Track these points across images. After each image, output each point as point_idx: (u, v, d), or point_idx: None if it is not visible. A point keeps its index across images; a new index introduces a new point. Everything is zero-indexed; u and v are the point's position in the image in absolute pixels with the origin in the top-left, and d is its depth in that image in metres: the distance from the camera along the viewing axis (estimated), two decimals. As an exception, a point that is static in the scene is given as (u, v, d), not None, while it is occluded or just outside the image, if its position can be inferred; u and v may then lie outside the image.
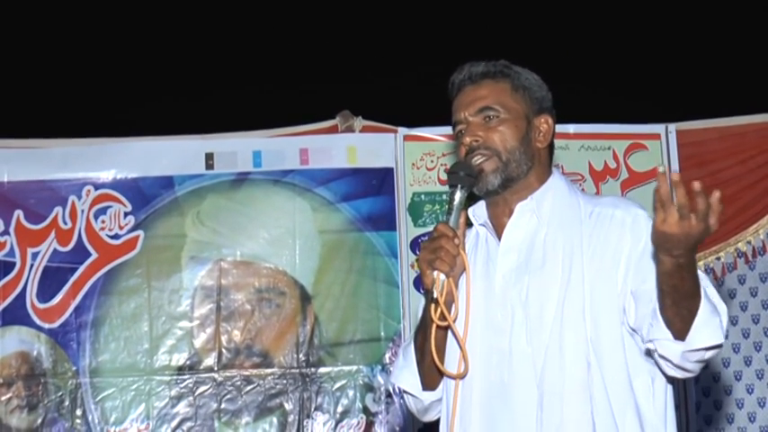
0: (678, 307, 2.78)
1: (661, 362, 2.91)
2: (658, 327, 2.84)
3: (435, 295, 3.01)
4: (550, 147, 3.24)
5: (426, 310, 3.10)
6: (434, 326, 3.05)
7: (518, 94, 3.17)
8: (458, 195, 3.08)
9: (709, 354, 2.85)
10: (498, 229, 3.17)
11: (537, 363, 2.99)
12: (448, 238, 3.00)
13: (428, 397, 3.24)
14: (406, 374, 3.27)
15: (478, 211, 3.22)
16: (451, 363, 3.13)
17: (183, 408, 5.66)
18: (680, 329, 2.80)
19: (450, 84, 3.23)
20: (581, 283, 3.01)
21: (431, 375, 3.18)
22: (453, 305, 3.06)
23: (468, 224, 3.20)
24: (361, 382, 5.72)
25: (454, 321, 3.05)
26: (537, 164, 3.16)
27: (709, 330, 2.80)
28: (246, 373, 5.70)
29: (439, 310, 3.02)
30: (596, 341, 2.98)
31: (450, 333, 3.13)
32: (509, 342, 3.05)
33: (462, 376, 3.08)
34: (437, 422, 3.22)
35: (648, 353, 2.95)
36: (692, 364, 2.86)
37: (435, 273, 3.00)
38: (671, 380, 3.04)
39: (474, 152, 3.10)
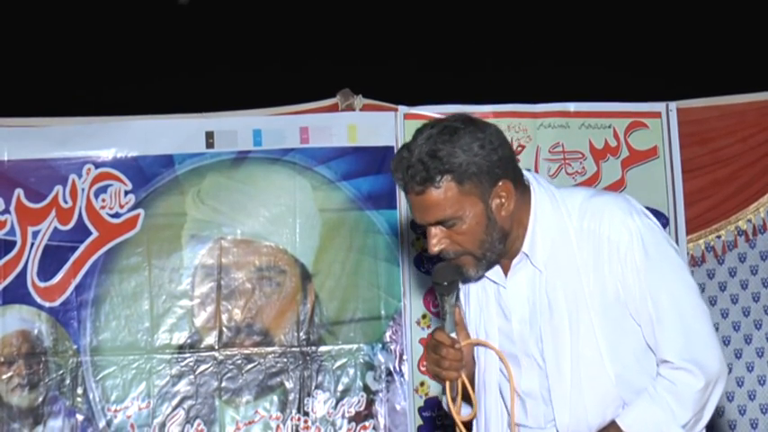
0: None
1: None
2: None
3: (449, 399, 3.07)
4: (517, 183, 3.06)
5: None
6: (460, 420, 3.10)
7: (466, 185, 2.93)
8: (447, 301, 3.04)
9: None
10: (504, 267, 3.13)
11: (561, 410, 3.03)
12: (448, 348, 3.01)
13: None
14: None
15: None
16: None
17: (183, 386, 5.67)
18: None
19: (393, 172, 3.04)
20: (591, 328, 3.00)
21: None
22: (472, 404, 3.12)
23: None
24: (361, 360, 5.73)
25: (474, 418, 3.13)
26: (513, 225, 3.04)
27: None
28: (247, 351, 5.71)
29: (458, 402, 3.08)
30: (620, 376, 3.01)
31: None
32: (538, 388, 3.09)
33: None
34: (436, 398, 3.27)
35: None
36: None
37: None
38: None
39: (447, 256, 3.02)
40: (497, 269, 3.13)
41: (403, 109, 5.88)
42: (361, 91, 5.95)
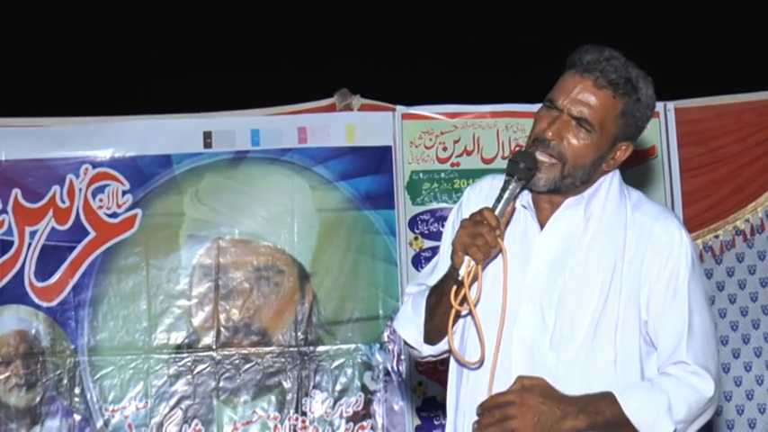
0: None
1: None
2: None
3: (461, 278, 2.95)
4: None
5: (445, 281, 3.05)
6: (453, 310, 3.00)
7: (622, 118, 3.05)
8: (511, 185, 3.00)
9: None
10: (539, 213, 3.13)
11: (559, 370, 2.99)
12: (490, 228, 2.93)
13: (428, 350, 3.23)
14: (410, 327, 3.23)
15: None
16: (469, 348, 3.13)
17: (181, 386, 5.67)
18: None
19: (578, 56, 3.08)
20: (618, 300, 3.01)
21: (435, 334, 3.16)
22: (475, 289, 2.99)
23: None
24: (359, 360, 5.72)
25: (474, 306, 3.01)
26: (593, 179, 3.10)
27: (659, 422, 2.93)
28: (245, 351, 5.71)
29: (461, 294, 2.96)
30: (622, 361, 3.00)
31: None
32: (532, 338, 3.04)
33: (479, 364, 3.06)
34: (434, 398, 3.22)
35: None
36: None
37: (467, 258, 2.94)
38: None
39: (545, 147, 3.01)
40: (535, 216, 3.13)
41: (401, 109, 5.88)
42: (359, 91, 5.95)
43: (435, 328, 3.14)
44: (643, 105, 3.07)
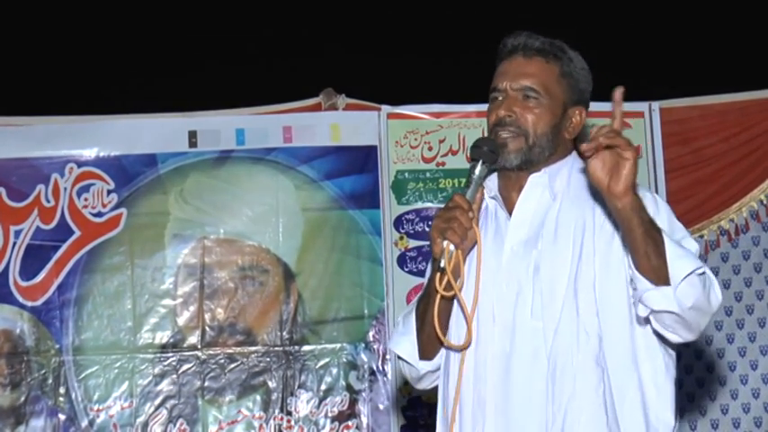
0: (646, 246, 2.83)
1: (661, 323, 2.93)
2: (640, 282, 2.88)
3: (443, 264, 3.02)
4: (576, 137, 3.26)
5: (431, 279, 3.11)
6: (438, 296, 3.06)
7: (563, 80, 3.19)
8: (478, 170, 3.10)
9: (698, 298, 2.86)
10: (507, 203, 3.20)
11: (548, 336, 3.02)
12: (463, 211, 3.03)
13: (424, 366, 3.27)
14: (404, 342, 3.28)
15: (489, 184, 3.23)
16: (453, 334, 3.16)
17: (166, 386, 5.66)
18: (658, 273, 2.84)
19: (502, 45, 3.24)
20: (592, 257, 3.03)
21: (429, 345, 3.21)
22: (459, 277, 3.08)
23: None
24: (344, 359, 5.72)
25: (461, 288, 3.08)
26: (559, 152, 3.20)
27: (685, 259, 2.85)
28: (230, 351, 5.70)
29: (445, 279, 3.03)
30: (604, 316, 3.01)
31: (454, 304, 3.16)
32: (513, 314, 3.07)
33: (465, 347, 3.10)
34: (419, 398, 3.24)
35: (647, 320, 2.96)
36: (690, 312, 2.86)
37: (445, 243, 3.02)
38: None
39: (504, 126, 3.14)
40: (503, 204, 3.20)
41: (386, 108, 5.89)
42: (344, 90, 5.96)
43: (428, 336, 3.18)
44: (577, 66, 3.23)
